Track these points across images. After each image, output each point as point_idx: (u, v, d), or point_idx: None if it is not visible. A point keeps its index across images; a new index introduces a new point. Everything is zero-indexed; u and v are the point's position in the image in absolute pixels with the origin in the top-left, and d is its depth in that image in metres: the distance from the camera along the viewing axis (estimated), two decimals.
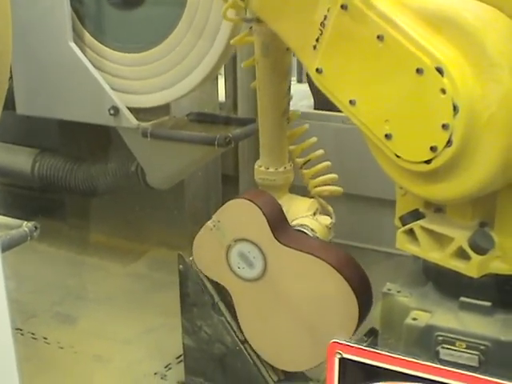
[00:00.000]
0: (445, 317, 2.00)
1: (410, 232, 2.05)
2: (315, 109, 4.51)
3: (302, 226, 2.78)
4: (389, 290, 2.14)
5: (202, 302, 2.86)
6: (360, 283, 2.54)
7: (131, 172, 3.75)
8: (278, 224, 2.67)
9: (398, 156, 1.87)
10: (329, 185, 2.95)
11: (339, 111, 2.03)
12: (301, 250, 2.60)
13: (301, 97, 4.87)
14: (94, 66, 3.53)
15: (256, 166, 2.95)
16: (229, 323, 2.84)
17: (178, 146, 3.51)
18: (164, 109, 3.62)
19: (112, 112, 3.48)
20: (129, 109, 3.52)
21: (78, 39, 3.56)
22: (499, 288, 1.97)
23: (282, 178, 2.92)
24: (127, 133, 3.58)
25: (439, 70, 1.73)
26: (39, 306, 3.73)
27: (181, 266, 2.88)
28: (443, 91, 1.72)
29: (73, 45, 3.51)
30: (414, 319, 2.01)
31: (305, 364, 2.74)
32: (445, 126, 1.73)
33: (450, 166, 1.78)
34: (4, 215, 2.66)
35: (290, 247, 2.61)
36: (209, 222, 2.77)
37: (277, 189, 2.91)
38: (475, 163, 1.76)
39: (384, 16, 1.82)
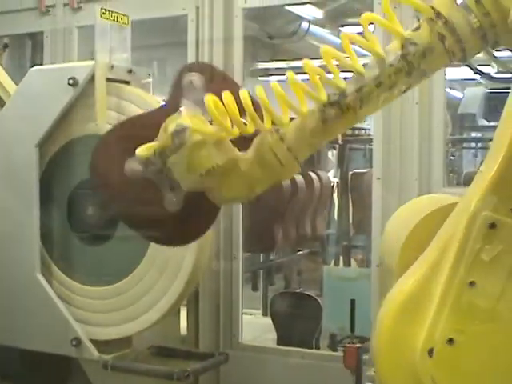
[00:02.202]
0: None
1: None
2: (278, 343, 4.61)
3: None
4: None
5: None
6: None
7: None
8: None
9: None
10: None
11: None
12: None
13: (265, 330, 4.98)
14: (60, 297, 3.63)
15: None
16: None
17: (137, 379, 3.55)
18: (126, 341, 3.69)
19: (74, 343, 3.55)
20: (91, 340, 3.59)
21: (46, 270, 3.70)
22: None
23: None
24: (88, 364, 3.62)
25: None
26: None
27: None
28: None
29: (40, 276, 3.64)
30: None
31: None
32: None
33: None
34: None
35: None
36: None
37: None
38: None
39: None
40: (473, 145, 8.95)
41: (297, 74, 1.99)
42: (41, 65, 4.32)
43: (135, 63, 3.78)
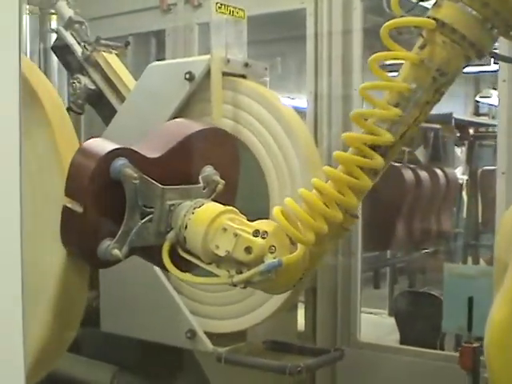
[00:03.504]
0: None
1: None
2: (401, 343, 4.51)
3: None
4: None
5: None
6: None
7: None
8: None
9: None
10: None
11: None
12: None
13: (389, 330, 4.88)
14: (176, 290, 3.68)
15: None
16: None
17: (251, 372, 3.55)
18: (241, 335, 3.69)
19: (189, 335, 3.59)
20: (206, 333, 3.62)
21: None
22: None
23: None
24: (202, 356, 3.65)
25: None
26: None
27: None
28: None
29: (158, 269, 3.70)
30: None
31: None
32: None
33: None
34: None
35: None
36: None
37: None
38: None
39: None
40: None
41: None
42: None
43: (253, 58, 3.77)
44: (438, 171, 5.78)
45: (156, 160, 2.28)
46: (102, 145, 2.23)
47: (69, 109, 3.88)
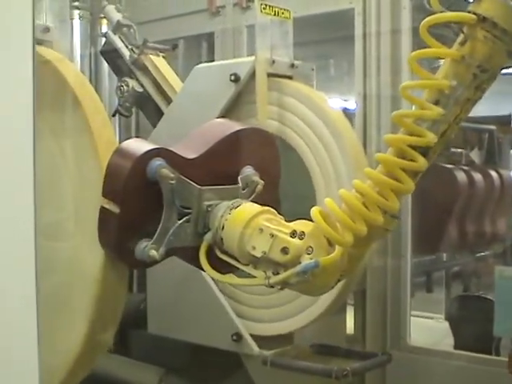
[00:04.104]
0: None
1: None
2: (455, 348, 4.42)
3: None
4: None
5: None
6: None
7: None
8: None
9: None
10: None
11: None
12: None
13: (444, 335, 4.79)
14: (222, 292, 3.67)
15: None
16: None
17: (298, 376, 3.52)
18: (288, 338, 3.66)
19: (235, 338, 3.58)
20: (252, 336, 3.60)
21: None
22: None
23: None
24: (248, 359, 3.63)
25: None
26: None
27: None
28: None
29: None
30: None
31: None
32: None
33: None
34: None
35: None
36: None
37: None
38: None
39: None
40: None
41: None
42: None
43: (301, 59, 3.74)
44: (493, 173, 5.65)
45: (194, 160, 2.27)
46: (138, 145, 2.24)
47: (116, 112, 3.92)
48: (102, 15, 4.31)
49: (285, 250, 1.98)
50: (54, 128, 2.72)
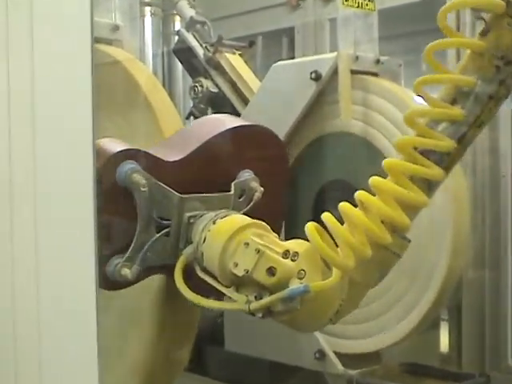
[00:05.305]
0: None
1: None
2: None
3: None
4: None
5: None
6: None
7: None
8: None
9: None
10: None
11: None
12: None
13: None
14: None
15: None
16: None
17: None
18: (375, 356, 3.40)
19: (318, 356, 3.34)
20: (336, 353, 3.35)
21: None
22: None
23: None
24: (333, 377, 3.39)
25: None
26: None
27: None
28: None
29: None
30: None
31: None
32: None
33: None
34: None
35: None
36: None
37: None
38: None
39: None
40: None
41: None
42: None
43: (388, 54, 3.48)
44: None
45: (176, 163, 1.96)
46: (110, 146, 1.90)
47: (190, 114, 3.73)
48: (175, 12, 4.14)
49: (271, 271, 1.65)
50: (124, 131, 2.60)
